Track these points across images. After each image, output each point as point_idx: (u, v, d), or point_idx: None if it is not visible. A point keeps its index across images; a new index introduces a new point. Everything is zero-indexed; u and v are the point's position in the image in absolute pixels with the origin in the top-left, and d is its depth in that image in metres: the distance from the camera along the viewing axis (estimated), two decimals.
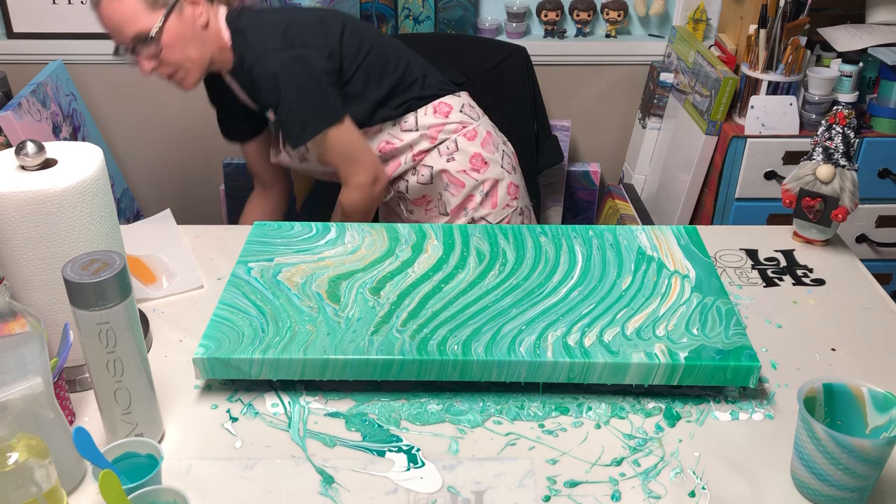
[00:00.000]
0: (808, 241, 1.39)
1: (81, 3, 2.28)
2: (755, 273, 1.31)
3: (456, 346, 1.03)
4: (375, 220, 1.98)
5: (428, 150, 1.69)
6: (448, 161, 1.70)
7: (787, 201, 1.37)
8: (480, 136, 1.72)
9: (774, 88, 2.02)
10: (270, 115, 1.63)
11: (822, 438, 0.85)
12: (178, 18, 1.52)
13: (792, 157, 2.01)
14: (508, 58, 2.13)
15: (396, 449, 0.97)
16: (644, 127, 2.42)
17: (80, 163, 0.98)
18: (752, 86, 2.04)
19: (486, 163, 1.72)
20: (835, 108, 1.33)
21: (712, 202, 2.12)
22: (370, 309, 1.10)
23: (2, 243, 0.96)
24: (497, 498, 0.90)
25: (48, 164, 0.98)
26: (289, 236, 1.27)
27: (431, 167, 1.70)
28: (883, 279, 2.13)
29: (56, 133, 2.01)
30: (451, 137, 1.70)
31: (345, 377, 1.03)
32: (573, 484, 0.92)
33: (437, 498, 0.90)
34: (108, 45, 1.58)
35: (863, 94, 2.08)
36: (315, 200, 2.50)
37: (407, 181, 1.73)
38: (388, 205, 1.85)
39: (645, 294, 1.14)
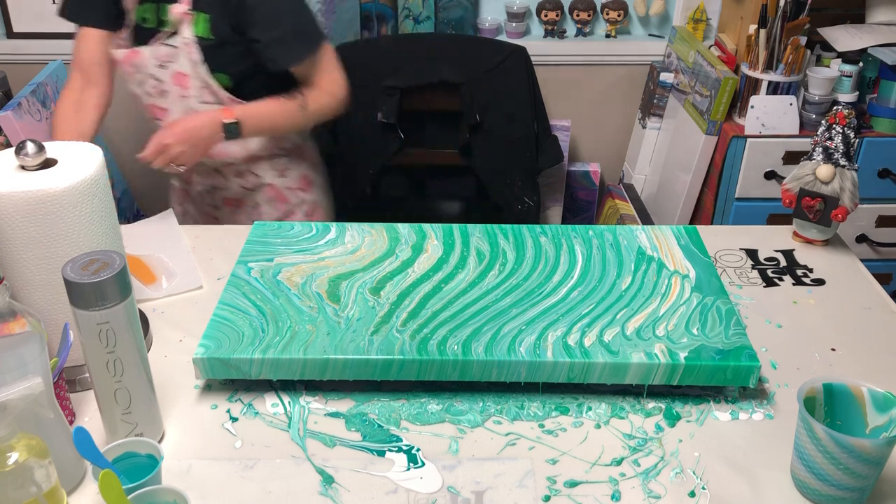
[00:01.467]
0: (808, 241, 1.39)
1: None
2: (755, 273, 1.31)
3: (456, 346, 1.03)
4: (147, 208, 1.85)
5: (260, 158, 1.65)
6: (279, 176, 1.68)
7: (787, 201, 1.37)
8: (310, 157, 1.74)
9: (774, 88, 2.02)
10: (179, 6, 1.47)
11: (822, 438, 0.85)
12: None
13: (792, 157, 2.01)
14: (508, 58, 2.13)
15: (396, 449, 0.97)
16: (644, 127, 2.42)
17: (80, 163, 0.98)
18: (752, 86, 2.04)
19: (311, 184, 1.73)
20: (835, 108, 1.33)
21: (712, 202, 2.12)
22: (370, 309, 1.10)
23: (2, 243, 0.96)
24: (497, 498, 0.90)
25: (48, 164, 0.98)
26: (289, 236, 1.27)
27: (260, 177, 1.67)
28: (883, 279, 2.13)
29: None
30: (287, 157, 1.68)
31: (345, 377, 1.03)
32: (573, 484, 0.92)
33: (437, 498, 0.90)
34: None
35: (863, 94, 2.08)
36: None
37: (227, 180, 1.68)
38: (189, 194, 1.76)
39: (645, 294, 1.14)
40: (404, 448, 0.97)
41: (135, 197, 2.49)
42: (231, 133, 1.50)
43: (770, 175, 2.04)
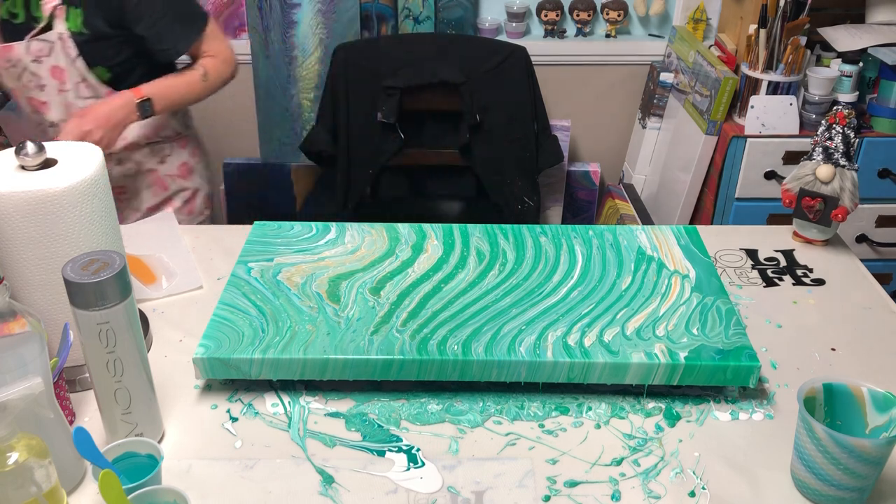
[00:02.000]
0: (808, 241, 1.39)
1: None
2: (755, 273, 1.31)
3: (456, 346, 1.03)
4: None
5: (140, 146, 1.68)
6: (159, 163, 1.71)
7: (787, 201, 1.37)
8: (191, 146, 1.77)
9: (774, 88, 2.02)
10: (50, 1, 1.49)
11: (822, 438, 0.85)
12: None
13: (792, 157, 2.01)
14: (508, 58, 2.13)
15: (396, 449, 0.97)
16: (644, 127, 2.42)
17: (80, 163, 0.99)
18: (752, 86, 2.04)
19: (191, 172, 1.77)
20: (835, 108, 1.33)
21: (712, 202, 2.12)
22: (370, 309, 1.10)
23: (2, 243, 0.96)
24: (497, 498, 0.90)
25: (48, 164, 0.98)
26: (289, 236, 1.27)
27: (140, 163, 1.70)
28: (883, 279, 2.13)
29: None
30: (168, 144, 1.71)
31: (345, 377, 1.03)
32: (573, 484, 0.92)
33: (437, 498, 0.90)
34: None
35: (863, 94, 2.08)
36: (315, 200, 2.51)
37: (109, 169, 1.66)
38: None
39: (645, 294, 1.14)
40: (404, 448, 0.97)
41: None
42: (145, 111, 1.53)
43: (770, 175, 2.04)
